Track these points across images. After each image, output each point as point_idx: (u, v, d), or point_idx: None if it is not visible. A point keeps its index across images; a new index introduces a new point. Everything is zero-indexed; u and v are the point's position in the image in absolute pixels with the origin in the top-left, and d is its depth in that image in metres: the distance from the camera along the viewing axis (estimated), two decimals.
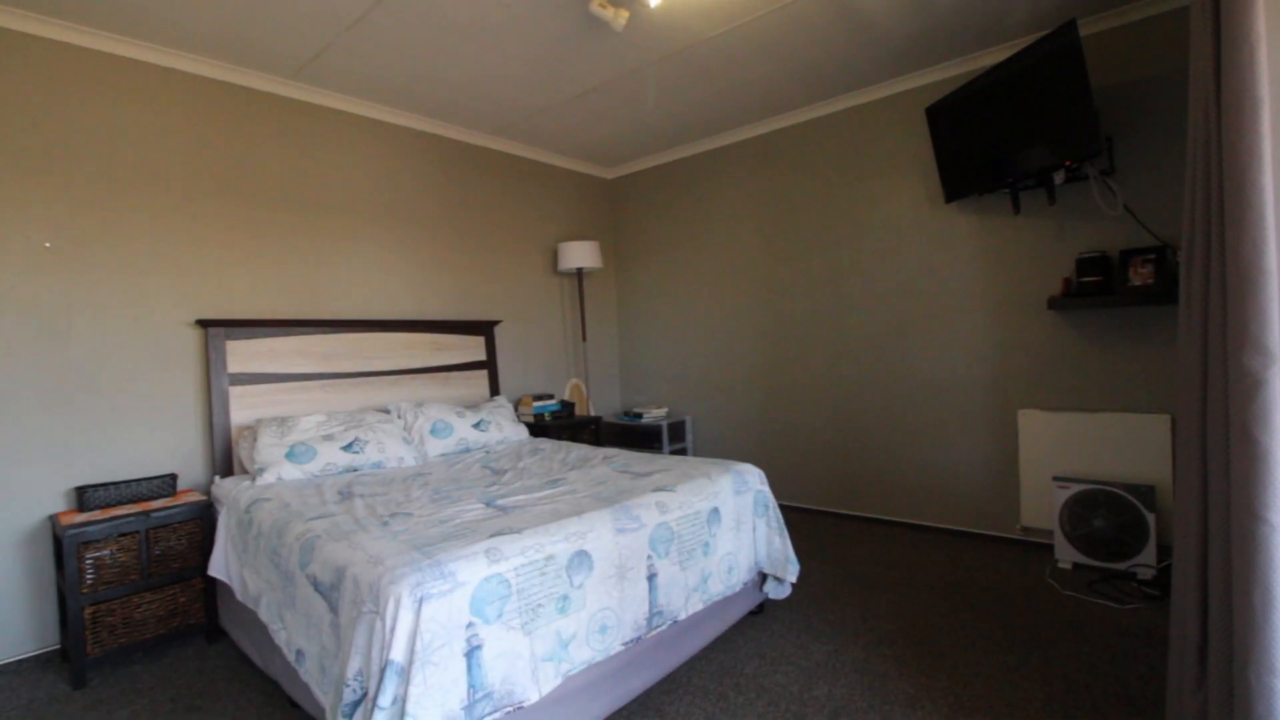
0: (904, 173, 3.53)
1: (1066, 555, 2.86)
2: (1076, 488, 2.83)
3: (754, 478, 2.52)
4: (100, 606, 2.28)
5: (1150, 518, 2.65)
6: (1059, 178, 2.86)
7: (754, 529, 2.43)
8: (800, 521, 3.76)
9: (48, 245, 2.52)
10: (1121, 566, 2.73)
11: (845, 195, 3.77)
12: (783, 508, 3.61)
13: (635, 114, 3.85)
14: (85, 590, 2.25)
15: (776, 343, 4.13)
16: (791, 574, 2.46)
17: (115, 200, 2.68)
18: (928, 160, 3.39)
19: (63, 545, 2.23)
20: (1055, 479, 2.90)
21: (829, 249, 3.85)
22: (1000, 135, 2.94)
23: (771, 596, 2.52)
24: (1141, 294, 2.70)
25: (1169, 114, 2.73)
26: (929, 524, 3.52)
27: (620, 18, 2.56)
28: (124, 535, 2.34)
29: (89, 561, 2.26)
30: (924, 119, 3.33)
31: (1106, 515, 2.75)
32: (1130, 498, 2.70)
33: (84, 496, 2.43)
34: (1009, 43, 3.07)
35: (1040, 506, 3.07)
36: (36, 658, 2.44)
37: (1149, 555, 2.66)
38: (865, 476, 3.75)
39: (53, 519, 2.43)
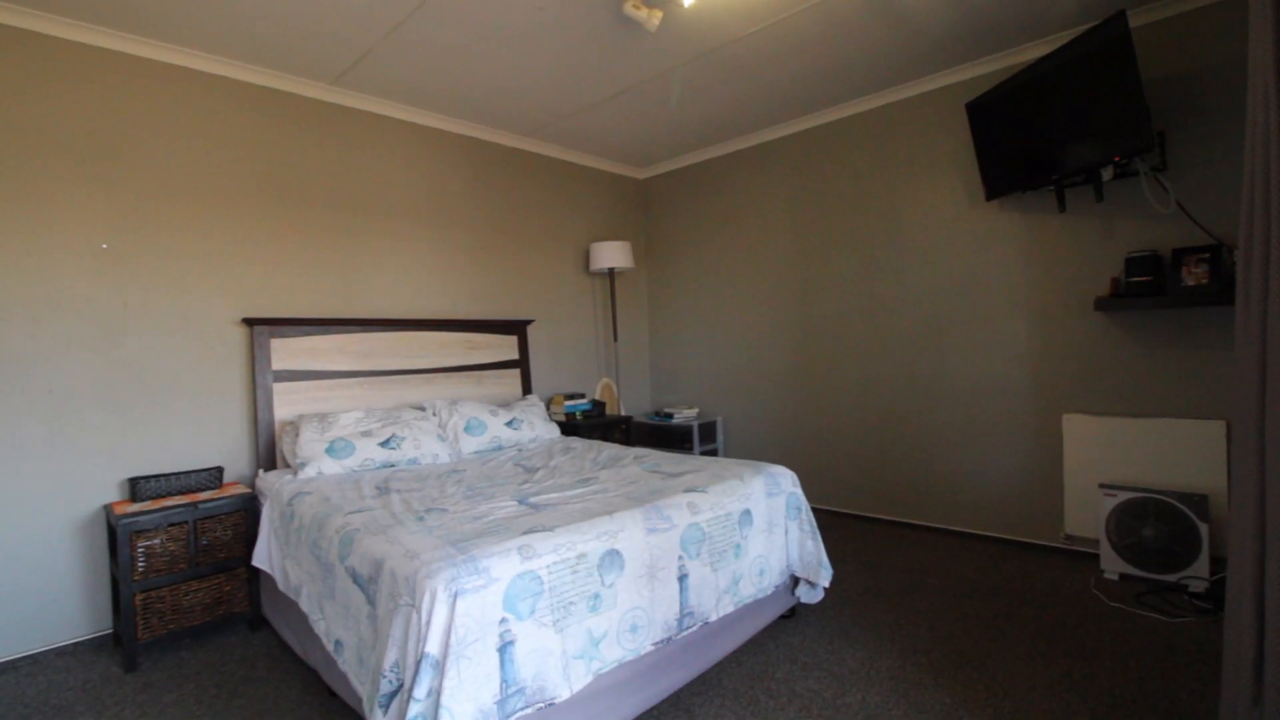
0: (942, 170, 3.45)
1: (1113, 565, 2.76)
2: (1124, 495, 2.73)
3: (786, 480, 2.49)
4: (151, 593, 2.38)
5: (1203, 528, 2.55)
6: (1107, 174, 2.77)
7: (786, 532, 2.41)
8: (833, 525, 3.71)
9: (104, 246, 2.63)
10: (1172, 578, 2.62)
11: (880, 194, 3.71)
12: (815, 511, 3.55)
13: (668, 114, 3.85)
14: (137, 577, 2.35)
15: (809, 343, 4.08)
16: (824, 578, 2.43)
17: (167, 203, 2.79)
18: (967, 157, 3.31)
19: (116, 534, 2.33)
20: (1102, 486, 2.81)
21: (863, 248, 3.80)
22: (1045, 131, 2.86)
23: (804, 600, 2.49)
24: (1195, 295, 2.59)
25: (1225, 107, 2.62)
26: (967, 530, 3.44)
27: (654, 18, 2.57)
28: (173, 525, 2.44)
29: (141, 550, 2.36)
30: (963, 115, 3.26)
31: (1156, 525, 2.65)
32: (1182, 507, 2.59)
33: (136, 487, 2.53)
34: (1053, 35, 2.98)
35: (1085, 514, 2.97)
36: (91, 641, 2.55)
37: (1201, 567, 2.55)
38: (901, 480, 3.68)
39: (107, 508, 2.54)
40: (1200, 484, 2.65)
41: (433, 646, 1.41)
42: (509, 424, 3.40)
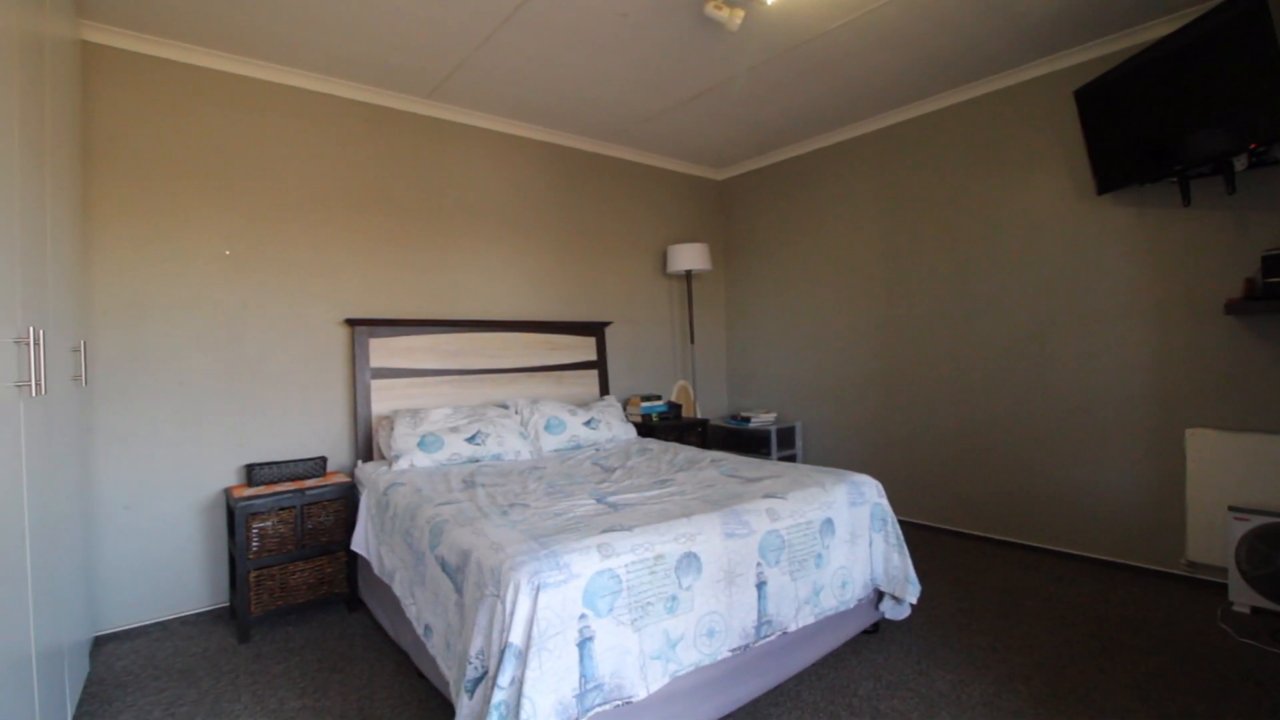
0: (1045, 163, 3.23)
1: (1244, 597, 2.49)
2: (1259, 520, 2.45)
3: (871, 489, 2.40)
4: (263, 571, 2.58)
5: None
6: (1240, 163, 2.51)
7: (870, 543, 2.32)
8: (921, 539, 3.54)
9: (227, 253, 2.89)
10: None
11: (976, 190, 3.51)
12: (902, 523, 3.38)
13: (748, 114, 3.81)
14: (251, 556, 2.56)
15: (896, 347, 3.92)
16: (911, 594, 2.32)
17: (280, 212, 3.03)
18: (1075, 149, 3.08)
19: (234, 515, 2.54)
20: (1232, 509, 2.53)
21: (957, 248, 3.60)
22: (1167, 118, 2.61)
23: (888, 616, 2.39)
24: None
25: None
26: (1072, 551, 3.19)
27: (736, 18, 2.54)
28: (283, 509, 2.63)
29: (255, 531, 2.57)
30: (1071, 103, 3.03)
31: None
32: None
33: (252, 473, 2.76)
34: (1176, 14, 2.73)
35: (1211, 540, 2.69)
36: (210, 612, 2.80)
37: None
38: (997, 494, 3.46)
39: (226, 492, 2.78)
40: None
41: (516, 637, 1.46)
42: (587, 424, 3.46)
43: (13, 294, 1.33)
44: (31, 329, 1.37)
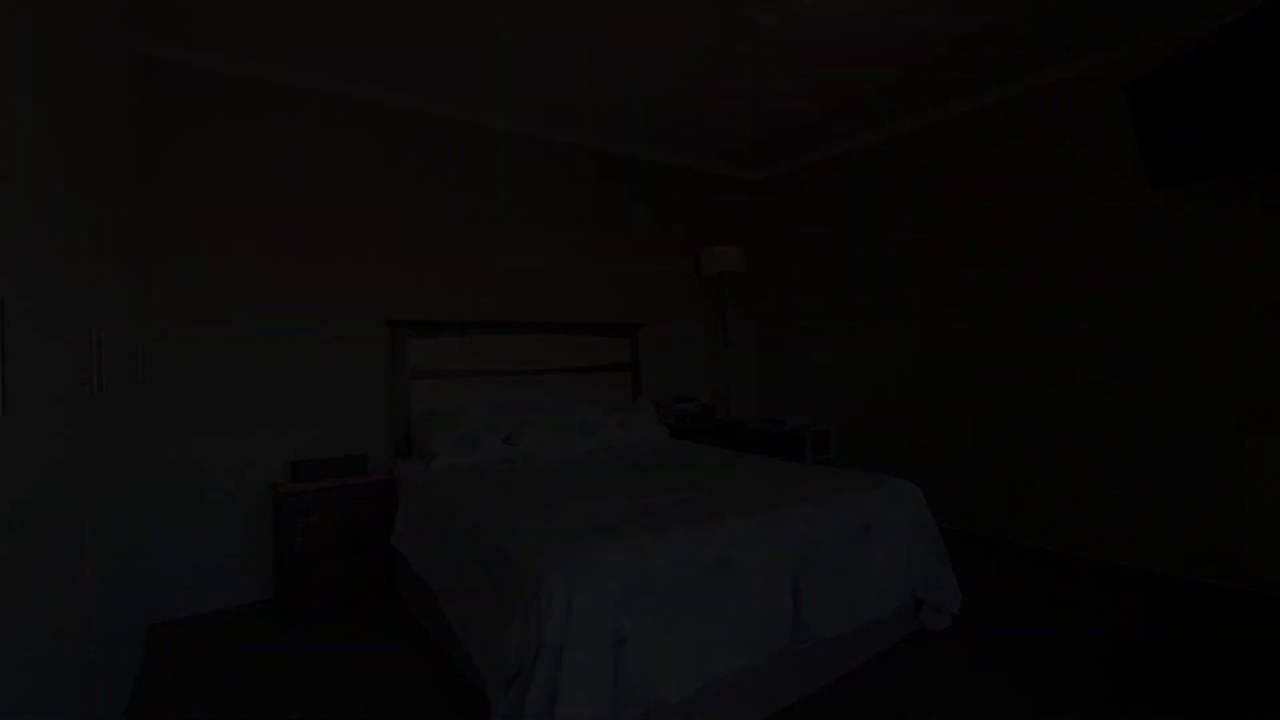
0: (1094, 159, 3.11)
1: None
2: None
3: (909, 494, 2.35)
4: (307, 565, 2.65)
5: None
6: None
7: (909, 550, 2.27)
8: (964, 548, 3.44)
9: (276, 255, 2.98)
10: None
11: (1022, 187, 3.40)
12: (943, 531, 3.29)
13: (783, 114, 3.77)
14: (296, 550, 2.63)
15: (936, 349, 3.83)
16: (952, 604, 2.26)
17: (325, 216, 3.12)
18: (1125, 143, 2.96)
19: (280, 511, 2.62)
20: None
21: (1000, 247, 3.50)
22: (1227, 110, 2.49)
23: (928, 626, 2.33)
24: None
25: None
26: (1124, 563, 3.06)
27: (770, 16, 2.52)
28: (326, 506, 2.71)
29: (300, 526, 2.64)
30: (1121, 97, 2.92)
31: None
32: None
33: (297, 469, 2.84)
34: (1230, 3, 2.61)
35: (1274, 553, 2.55)
36: (257, 604, 2.89)
37: None
38: (1044, 502, 3.35)
39: (273, 487, 2.87)
40: None
41: (551, 636, 1.47)
42: (620, 425, 3.46)
43: (78, 297, 1.40)
44: (94, 330, 1.44)
